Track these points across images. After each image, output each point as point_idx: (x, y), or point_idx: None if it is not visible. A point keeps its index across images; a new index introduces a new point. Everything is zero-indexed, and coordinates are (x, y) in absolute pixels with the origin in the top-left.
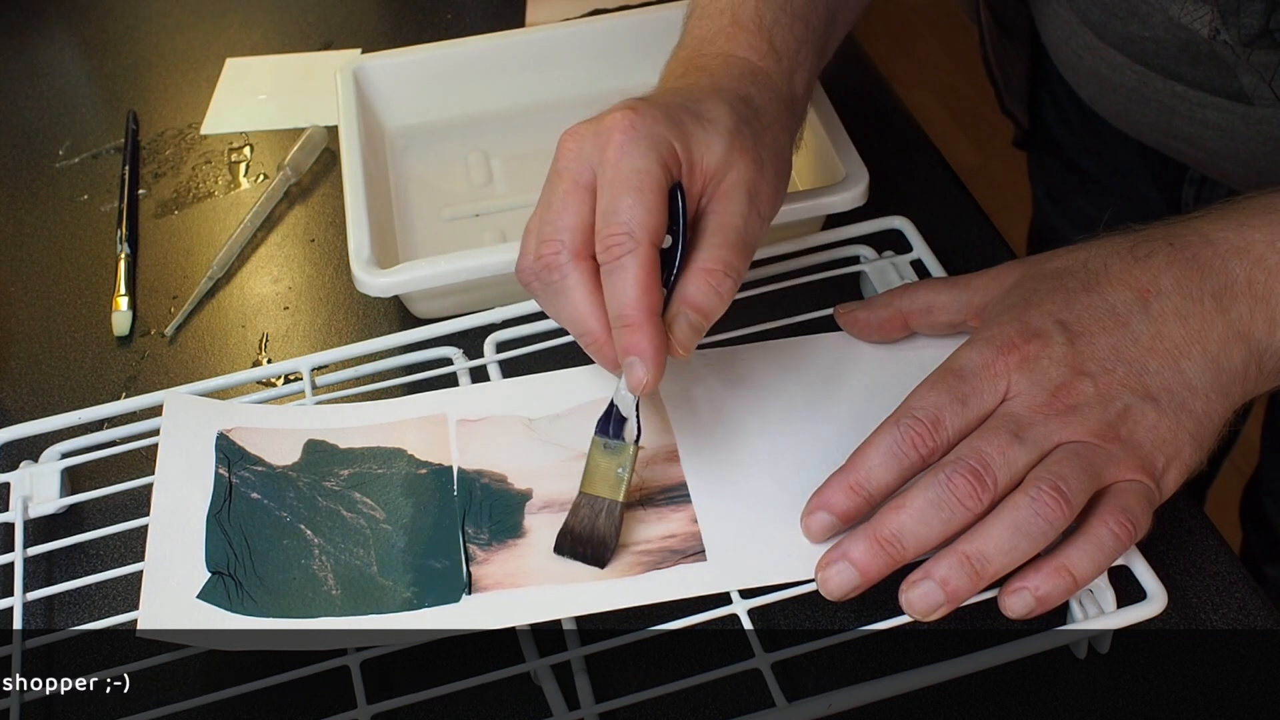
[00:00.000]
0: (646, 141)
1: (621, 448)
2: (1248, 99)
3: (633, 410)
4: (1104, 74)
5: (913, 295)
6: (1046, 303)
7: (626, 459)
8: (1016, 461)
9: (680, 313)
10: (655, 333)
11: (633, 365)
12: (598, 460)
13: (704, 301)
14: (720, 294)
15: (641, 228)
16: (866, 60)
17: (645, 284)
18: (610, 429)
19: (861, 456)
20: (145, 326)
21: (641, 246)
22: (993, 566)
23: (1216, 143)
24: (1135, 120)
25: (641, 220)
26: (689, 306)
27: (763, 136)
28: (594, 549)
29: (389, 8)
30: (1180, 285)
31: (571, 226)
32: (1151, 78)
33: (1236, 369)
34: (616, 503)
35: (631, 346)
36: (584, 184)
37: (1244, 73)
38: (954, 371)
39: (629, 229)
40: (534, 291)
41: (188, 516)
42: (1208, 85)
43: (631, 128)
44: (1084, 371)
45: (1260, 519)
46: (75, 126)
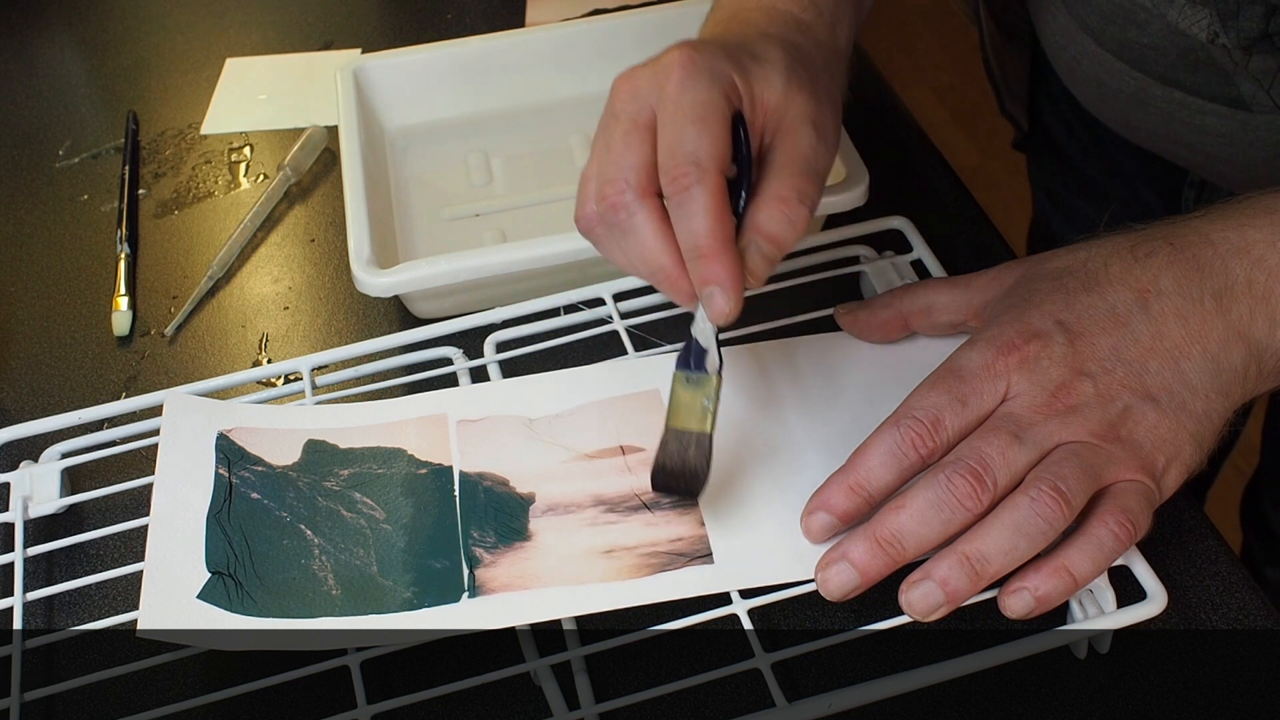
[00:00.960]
0: (707, 75)
1: (704, 379)
2: (1246, 106)
3: (713, 341)
4: (1103, 80)
5: (913, 295)
6: (1046, 303)
7: (710, 390)
8: (1016, 462)
9: (752, 241)
10: (732, 260)
11: (712, 295)
12: (681, 395)
13: (776, 230)
14: (793, 222)
15: (709, 156)
16: (866, 60)
17: (717, 212)
18: (691, 362)
19: (861, 457)
20: (145, 326)
21: (709, 175)
22: (992, 566)
23: (1216, 149)
24: (1135, 126)
25: (708, 149)
26: (761, 235)
27: (818, 77)
28: (687, 481)
29: (389, 8)
30: (1180, 285)
31: (635, 165)
32: (1150, 84)
33: (1237, 369)
34: (705, 434)
35: (710, 276)
36: (644, 123)
37: (1242, 79)
38: (954, 372)
39: (695, 159)
40: (598, 238)
41: (188, 516)
42: (1206, 92)
43: (691, 63)
44: (1084, 372)
45: (1260, 521)
46: (75, 126)
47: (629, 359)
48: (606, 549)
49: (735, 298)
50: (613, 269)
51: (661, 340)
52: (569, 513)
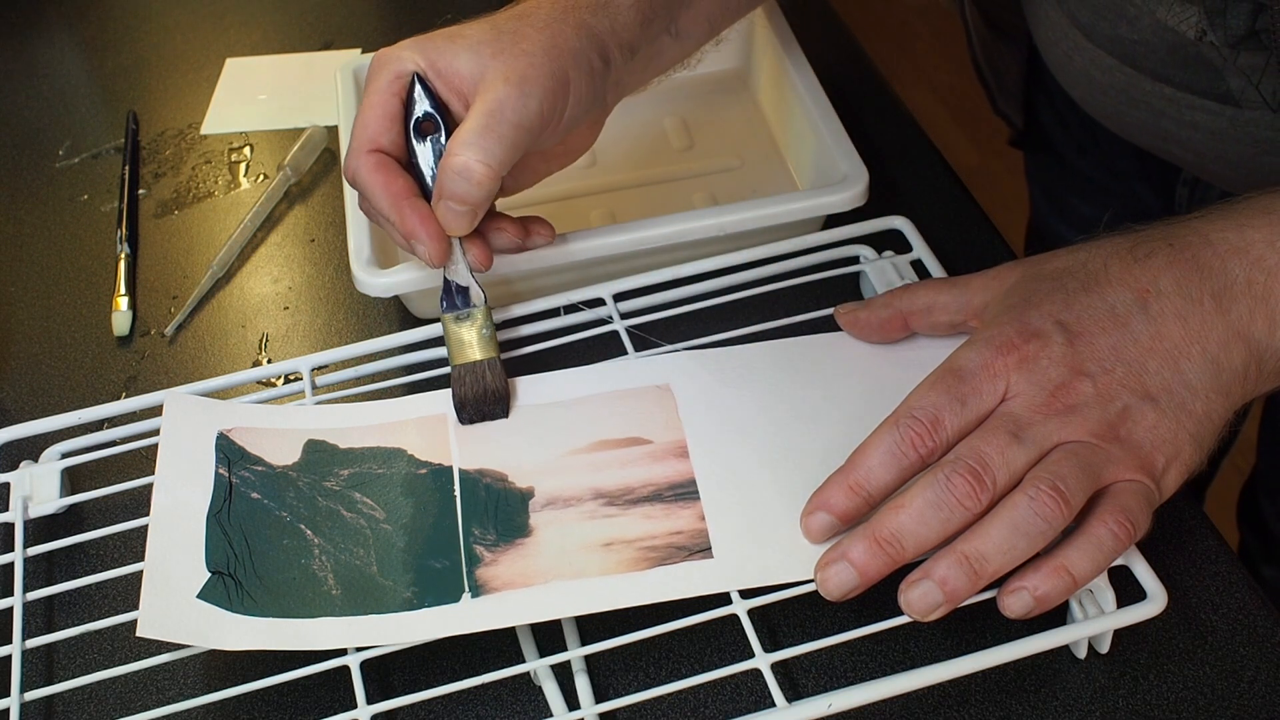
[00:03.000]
0: (380, 69)
1: (472, 312)
2: (1235, 102)
3: (469, 278)
4: (1094, 75)
5: (913, 295)
6: (1046, 303)
7: (482, 317)
8: (1015, 461)
9: (439, 201)
10: (414, 216)
11: (416, 247)
12: (457, 332)
13: (454, 188)
14: (468, 178)
15: (360, 140)
16: (866, 60)
17: (381, 182)
18: (458, 302)
19: (861, 456)
20: (145, 326)
21: (360, 155)
22: (991, 566)
23: (1205, 146)
24: (1126, 122)
25: (358, 134)
26: (444, 195)
27: (529, 37)
28: (492, 404)
29: (389, 8)
30: (1180, 286)
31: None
32: (1140, 80)
33: (1237, 369)
34: (494, 358)
35: (407, 233)
36: None
37: (1231, 75)
38: (953, 372)
39: (355, 145)
40: None
41: (187, 516)
42: (1196, 88)
43: (375, 61)
44: (1083, 371)
45: (1257, 520)
46: (75, 126)
47: (629, 359)
48: (606, 542)
49: (434, 245)
50: (613, 269)
51: (661, 340)
52: (568, 506)
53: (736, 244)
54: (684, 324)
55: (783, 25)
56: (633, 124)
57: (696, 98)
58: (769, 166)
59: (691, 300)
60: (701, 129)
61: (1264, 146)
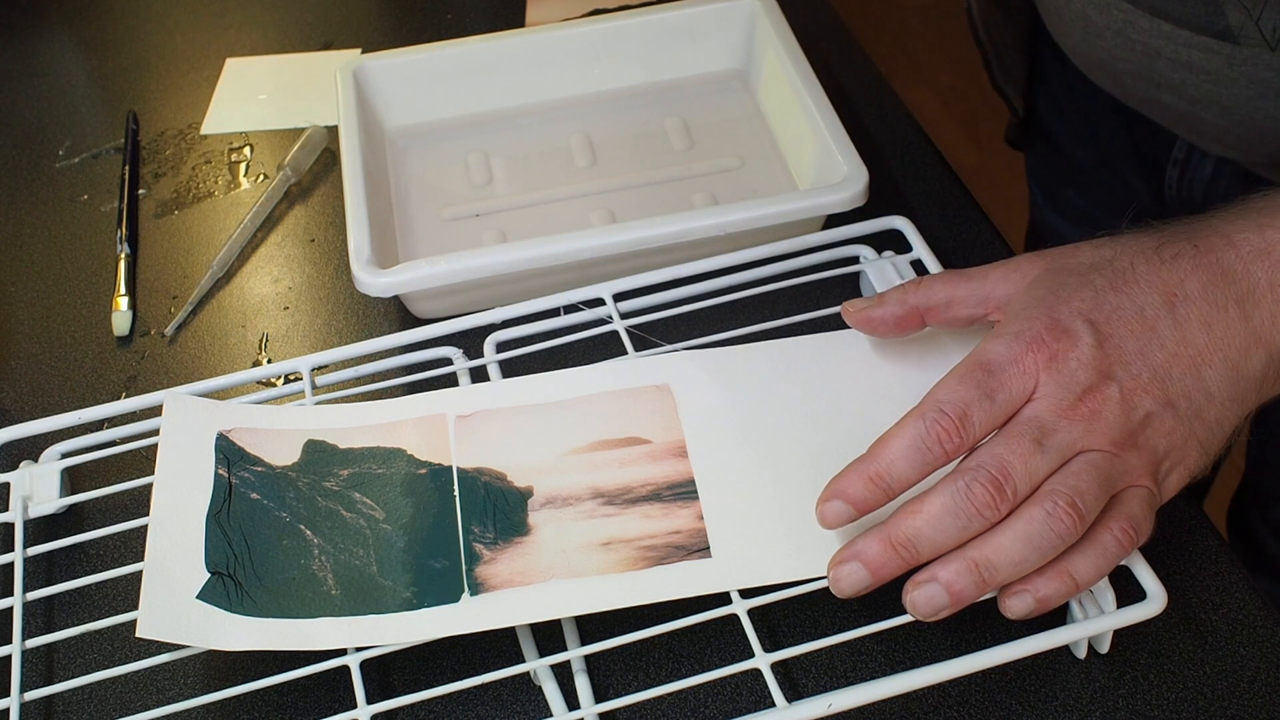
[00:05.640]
0: None
1: None
2: (1234, 38)
3: None
4: (1090, 16)
5: (929, 290)
6: (1075, 299)
7: None
8: (1038, 472)
9: None
10: None
11: None
12: None
13: None
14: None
15: None
16: (866, 60)
17: None
18: None
19: (884, 448)
20: (145, 326)
21: None
22: (1000, 576)
23: (1200, 89)
24: (1119, 70)
25: None
26: None
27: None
28: None
29: (389, 8)
30: (1206, 290)
31: None
32: (1138, 16)
33: (1255, 375)
34: None
35: None
36: None
37: (1231, 8)
38: (982, 365)
39: None
40: None
41: (187, 517)
42: (1194, 23)
43: None
44: (1110, 376)
45: (1246, 532)
46: (75, 126)
47: (629, 359)
48: (604, 541)
49: None
50: (613, 269)
51: (661, 340)
52: (567, 505)
53: (736, 244)
54: (683, 324)
55: (783, 25)
56: (633, 124)
57: (696, 98)
58: (769, 166)
59: (691, 300)
60: (701, 129)
61: (1260, 89)
